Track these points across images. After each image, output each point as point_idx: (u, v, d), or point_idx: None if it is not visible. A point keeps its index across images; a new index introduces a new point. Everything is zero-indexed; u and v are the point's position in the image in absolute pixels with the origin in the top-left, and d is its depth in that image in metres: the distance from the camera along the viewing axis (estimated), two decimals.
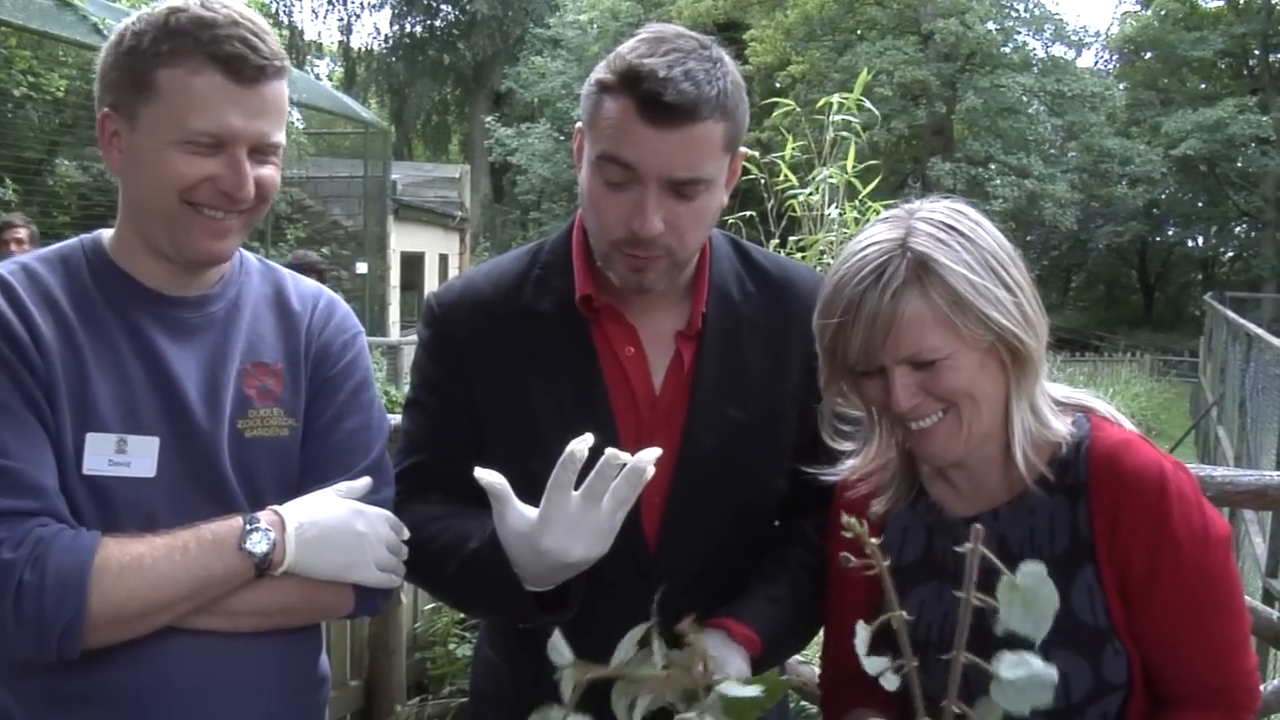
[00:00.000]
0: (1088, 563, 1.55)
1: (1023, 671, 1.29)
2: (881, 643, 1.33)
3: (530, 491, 1.58)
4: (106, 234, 1.73)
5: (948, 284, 1.49)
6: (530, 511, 1.56)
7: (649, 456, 1.52)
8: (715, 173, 1.69)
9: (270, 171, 1.67)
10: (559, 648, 1.35)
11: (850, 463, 1.74)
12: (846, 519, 1.33)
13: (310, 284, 1.89)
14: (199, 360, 1.69)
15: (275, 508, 1.65)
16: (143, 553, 1.53)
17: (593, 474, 1.51)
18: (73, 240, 1.73)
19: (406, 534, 1.74)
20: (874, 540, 1.30)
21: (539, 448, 1.65)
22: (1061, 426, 1.60)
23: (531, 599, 1.62)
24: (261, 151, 1.64)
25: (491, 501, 1.57)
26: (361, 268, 17.01)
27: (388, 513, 1.73)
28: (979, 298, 1.50)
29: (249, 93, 1.60)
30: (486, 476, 1.54)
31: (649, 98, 1.60)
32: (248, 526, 1.60)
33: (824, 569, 1.81)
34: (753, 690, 1.38)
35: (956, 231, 1.54)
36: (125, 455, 1.60)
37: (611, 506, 1.53)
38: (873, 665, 1.35)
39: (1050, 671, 1.30)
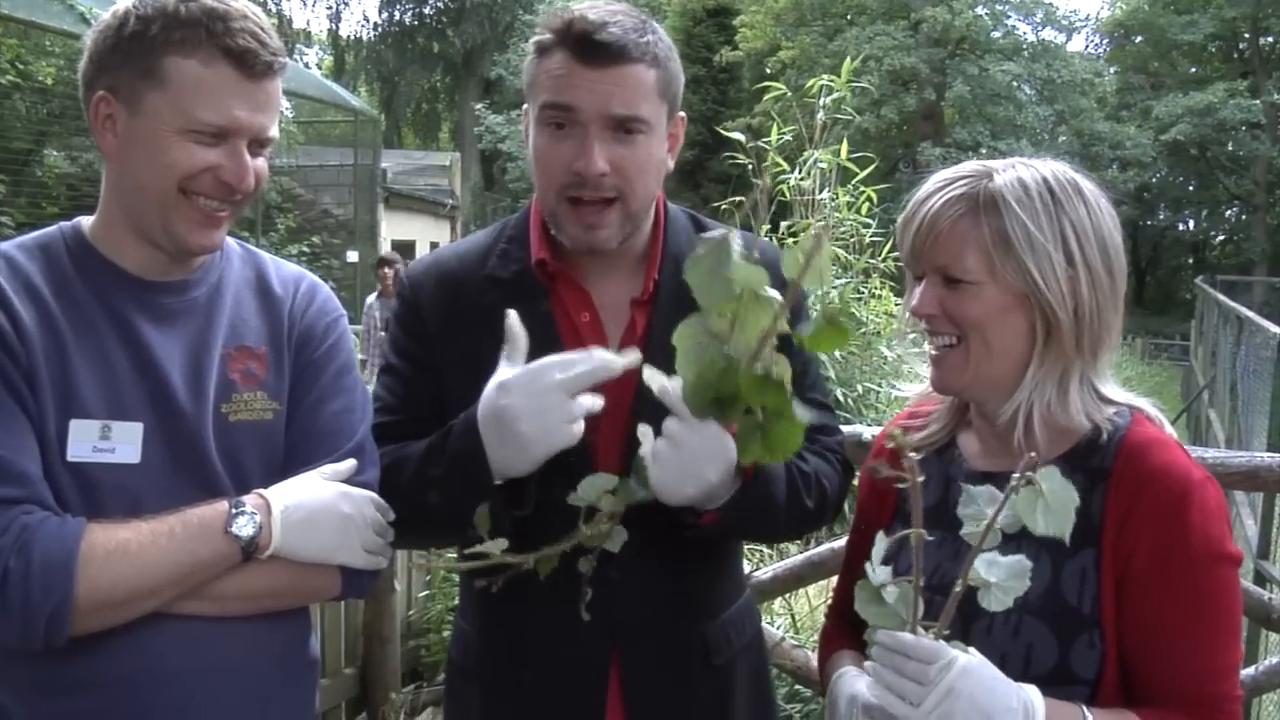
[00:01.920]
0: (1089, 547, 1.55)
1: (998, 571, 1.42)
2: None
3: None
4: (86, 221, 1.73)
5: (1001, 221, 1.56)
6: (511, 371, 1.67)
7: (627, 359, 1.64)
8: (652, 116, 1.78)
9: (263, 163, 1.69)
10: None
11: (920, 387, 1.83)
12: (892, 430, 1.44)
13: (291, 268, 1.90)
14: (182, 345, 1.69)
15: (261, 491, 1.65)
16: (128, 538, 1.54)
17: (580, 368, 1.63)
18: (52, 228, 1.73)
19: (392, 515, 1.75)
20: (913, 455, 1.40)
21: None
22: (1085, 420, 1.61)
23: (490, 478, 1.68)
24: (259, 144, 1.67)
25: (505, 347, 1.69)
26: (352, 256, 16.99)
27: (373, 494, 1.74)
28: (1028, 248, 1.56)
29: (255, 87, 1.63)
30: (512, 320, 1.69)
31: (582, 38, 1.72)
32: (233, 510, 1.61)
33: (806, 478, 1.84)
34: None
35: (1049, 189, 1.59)
36: (109, 441, 1.60)
37: (562, 383, 1.63)
38: (879, 574, 1.48)
39: (1020, 559, 1.42)
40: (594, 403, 1.65)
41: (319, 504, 1.66)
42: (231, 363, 1.72)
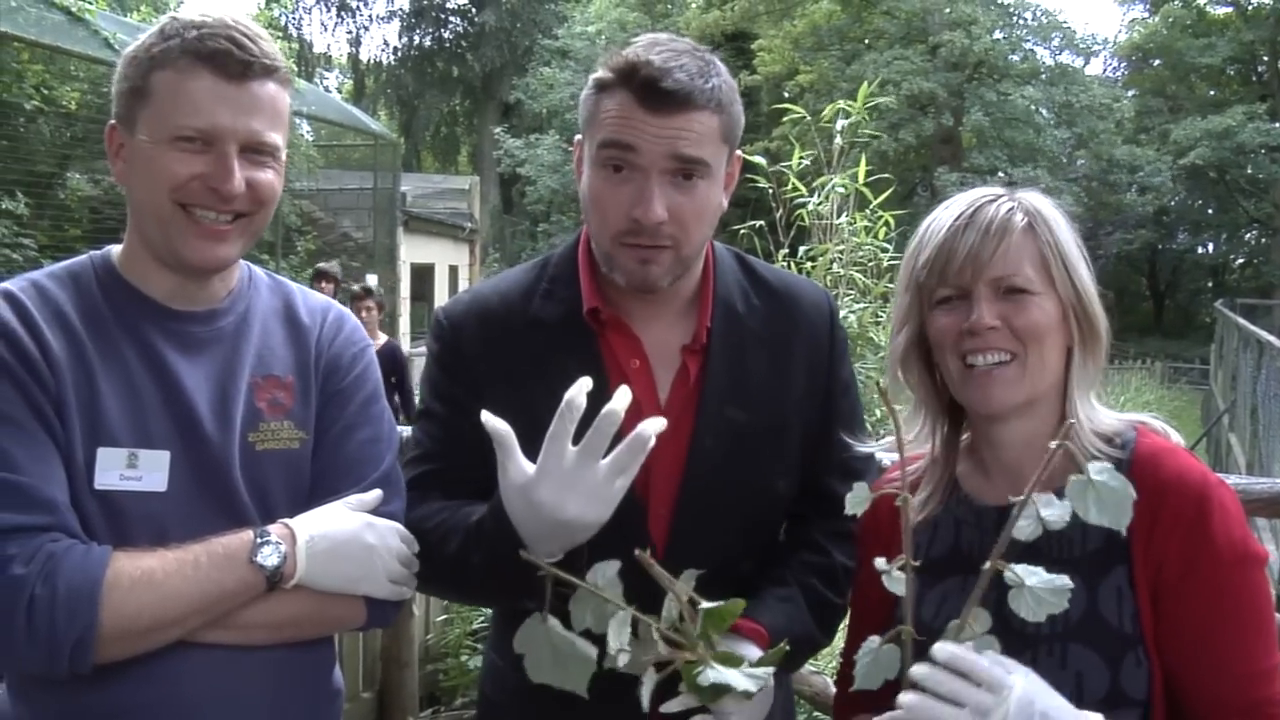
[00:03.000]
0: (1120, 564, 1.54)
1: (1037, 579, 1.39)
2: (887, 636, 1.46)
3: None
4: (116, 250, 1.74)
5: (1054, 232, 1.60)
6: (531, 466, 1.55)
7: (653, 426, 1.52)
8: (714, 161, 1.74)
9: (268, 176, 1.67)
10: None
11: (889, 439, 1.77)
12: (891, 492, 1.45)
13: (319, 297, 1.90)
14: (209, 374, 1.70)
15: (286, 521, 1.66)
16: (154, 567, 1.54)
17: (590, 430, 1.51)
18: (83, 256, 1.74)
19: (417, 546, 1.74)
20: (909, 497, 1.44)
21: (535, 447, 1.62)
22: (1107, 427, 1.62)
23: (531, 567, 1.58)
24: (256, 151, 1.65)
25: (495, 450, 1.56)
26: (372, 279, 17.01)
27: (398, 525, 1.74)
28: (1073, 261, 1.60)
29: (238, 89, 1.62)
30: (492, 421, 1.54)
31: (647, 84, 1.67)
32: (258, 540, 1.61)
33: (833, 570, 1.84)
34: (720, 603, 1.50)
35: (1057, 210, 1.65)
36: (136, 470, 1.61)
37: (610, 470, 1.52)
38: (883, 563, 1.50)
39: (1064, 579, 1.38)
40: (625, 482, 1.55)
41: (344, 534, 1.66)
42: (259, 391, 1.73)
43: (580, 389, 1.51)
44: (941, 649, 1.39)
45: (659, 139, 1.68)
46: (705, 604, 1.52)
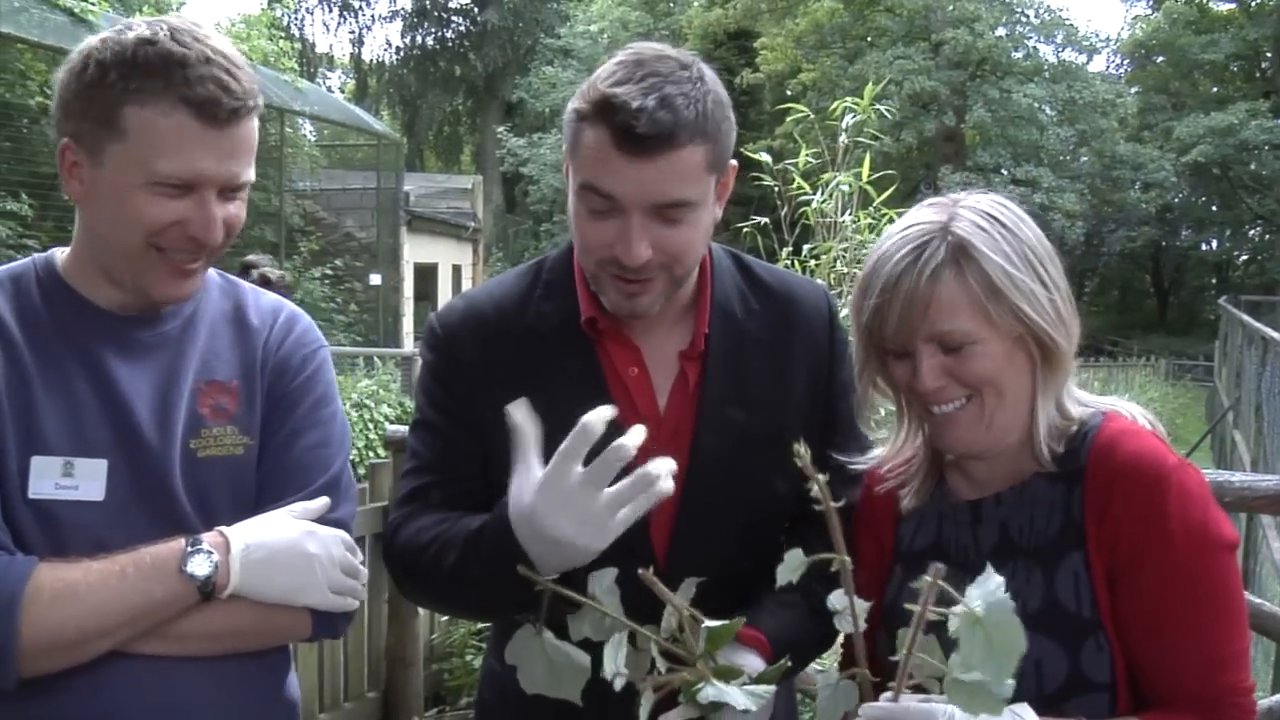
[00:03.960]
0: (1076, 549, 1.54)
1: (976, 674, 1.25)
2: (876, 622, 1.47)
3: None
4: (60, 253, 1.69)
5: (984, 270, 1.51)
6: (541, 470, 1.50)
7: (663, 467, 1.47)
8: (699, 195, 1.67)
9: (236, 209, 1.63)
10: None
11: (877, 452, 1.77)
12: (795, 447, 1.42)
13: (272, 298, 1.85)
14: (151, 380, 1.65)
15: (222, 529, 1.60)
16: (77, 579, 1.49)
17: (599, 459, 1.45)
18: (25, 260, 1.70)
19: (360, 555, 1.70)
20: (821, 477, 1.43)
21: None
22: (1075, 418, 1.60)
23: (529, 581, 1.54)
24: (231, 190, 1.61)
25: (513, 448, 1.52)
26: (375, 279, 17.07)
27: (342, 533, 1.68)
28: (1014, 289, 1.52)
29: (220, 135, 1.55)
30: (517, 416, 1.51)
31: (623, 129, 1.58)
32: (189, 549, 1.55)
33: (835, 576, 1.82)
34: (723, 622, 1.49)
35: (998, 222, 1.56)
36: (72, 478, 1.56)
37: (610, 501, 1.46)
38: (837, 600, 1.47)
39: (1006, 684, 1.25)
40: (631, 515, 1.49)
41: (282, 543, 1.60)
42: (201, 397, 1.68)
43: (600, 417, 1.46)
44: (867, 709, 1.39)
45: (639, 185, 1.62)
46: (707, 622, 1.50)
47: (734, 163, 1.77)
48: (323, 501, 1.69)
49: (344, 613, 1.68)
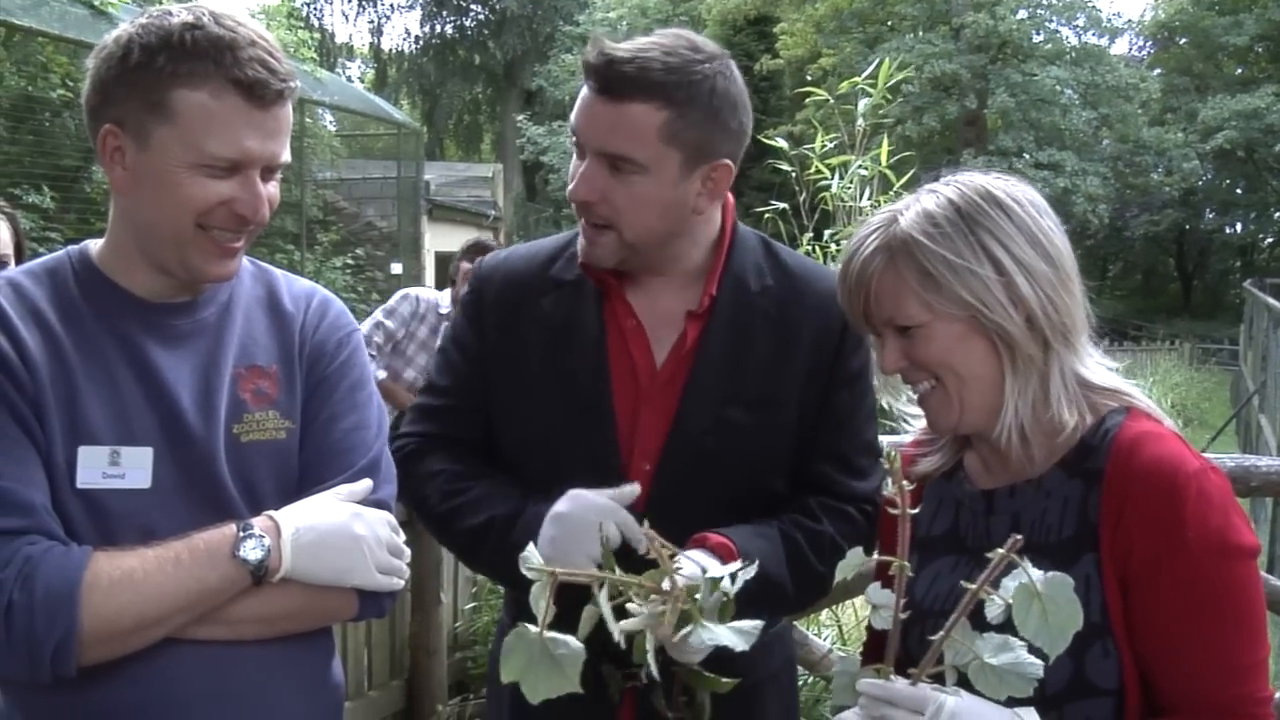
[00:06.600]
0: (1089, 551, 1.52)
1: (1007, 658, 1.31)
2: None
3: (523, 443, 1.90)
4: (94, 244, 1.72)
5: (915, 260, 1.56)
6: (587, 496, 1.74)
7: (628, 492, 1.74)
8: (648, 159, 1.75)
9: (274, 188, 1.67)
10: (530, 558, 1.46)
11: (920, 424, 1.80)
12: (886, 450, 1.49)
13: (304, 283, 1.88)
14: (192, 367, 1.67)
15: (271, 513, 1.63)
16: (134, 566, 1.51)
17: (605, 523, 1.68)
18: (59, 253, 1.72)
19: (403, 536, 1.73)
20: (905, 483, 1.42)
21: (529, 395, 1.88)
22: (1071, 415, 1.58)
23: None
24: (271, 171, 1.64)
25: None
26: (396, 268, 17.06)
27: (387, 514, 1.72)
28: (953, 276, 1.54)
29: (266, 115, 1.59)
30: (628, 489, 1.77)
31: (594, 69, 1.74)
32: (241, 534, 1.58)
33: (820, 536, 1.84)
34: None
35: (956, 211, 1.58)
36: (119, 467, 1.58)
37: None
38: (876, 595, 1.50)
39: (1035, 665, 1.33)
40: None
41: (331, 526, 1.63)
42: (242, 382, 1.70)
43: (614, 535, 1.68)
44: (864, 684, 1.44)
45: (593, 122, 1.76)
46: (682, 553, 1.59)
47: (727, 163, 1.82)
48: (366, 483, 1.72)
49: (389, 592, 1.72)
